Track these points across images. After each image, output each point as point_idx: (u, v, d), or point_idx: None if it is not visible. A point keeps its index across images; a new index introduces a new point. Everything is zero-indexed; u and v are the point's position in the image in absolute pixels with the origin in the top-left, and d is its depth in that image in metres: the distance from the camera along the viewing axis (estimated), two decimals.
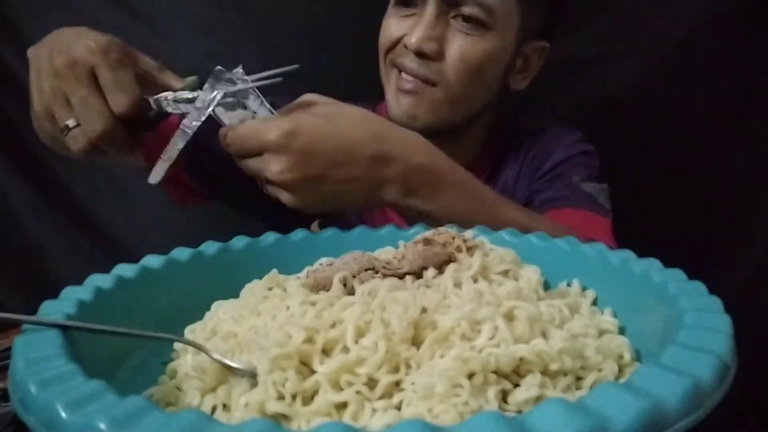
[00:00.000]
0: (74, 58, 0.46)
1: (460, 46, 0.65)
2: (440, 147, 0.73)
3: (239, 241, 0.52)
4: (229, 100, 0.49)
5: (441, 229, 0.47)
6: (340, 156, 0.49)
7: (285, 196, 0.50)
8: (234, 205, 0.80)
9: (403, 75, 0.68)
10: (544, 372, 0.34)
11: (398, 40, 0.67)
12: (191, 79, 0.51)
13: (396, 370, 0.33)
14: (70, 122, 0.48)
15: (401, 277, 0.41)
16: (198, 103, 0.49)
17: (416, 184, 0.53)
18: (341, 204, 0.54)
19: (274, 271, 0.48)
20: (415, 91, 0.67)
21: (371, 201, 0.54)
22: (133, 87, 0.47)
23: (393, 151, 0.51)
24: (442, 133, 0.69)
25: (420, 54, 0.65)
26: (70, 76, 0.46)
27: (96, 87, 0.47)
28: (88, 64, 0.47)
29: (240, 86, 0.49)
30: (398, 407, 0.32)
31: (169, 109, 0.50)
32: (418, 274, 0.42)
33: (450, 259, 0.43)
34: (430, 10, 0.64)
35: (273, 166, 0.48)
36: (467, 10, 0.64)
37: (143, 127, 0.50)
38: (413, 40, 0.64)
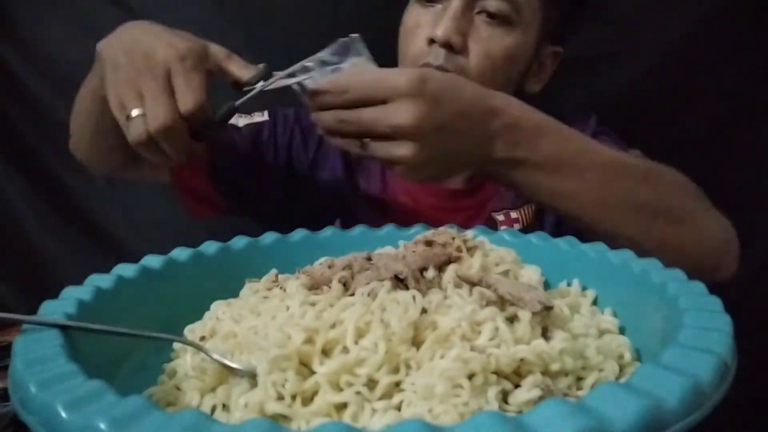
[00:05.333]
0: (155, 60, 0.50)
1: (484, 40, 0.65)
2: None
3: (239, 241, 0.52)
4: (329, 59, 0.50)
5: (441, 229, 0.47)
6: (464, 106, 0.49)
7: (406, 149, 0.48)
8: (252, 216, 0.80)
9: None
10: (545, 372, 0.34)
11: (421, 37, 0.67)
12: (260, 67, 0.52)
13: (396, 370, 0.33)
14: (136, 111, 0.50)
15: (401, 277, 0.41)
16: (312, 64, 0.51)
17: (520, 133, 0.51)
18: (455, 163, 0.52)
19: (274, 270, 0.48)
20: None
21: (482, 160, 0.52)
22: (200, 91, 0.50)
23: (497, 103, 0.51)
24: None
25: (447, 46, 0.64)
26: (148, 74, 0.50)
27: (168, 86, 0.50)
28: (166, 66, 0.50)
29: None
30: (398, 408, 0.32)
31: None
32: (418, 275, 0.42)
33: (450, 260, 0.43)
34: (456, 3, 0.64)
35: (404, 113, 0.46)
36: (493, 4, 0.64)
37: (204, 132, 0.52)
38: (440, 32, 0.64)
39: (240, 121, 0.74)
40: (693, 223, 0.56)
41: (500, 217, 0.72)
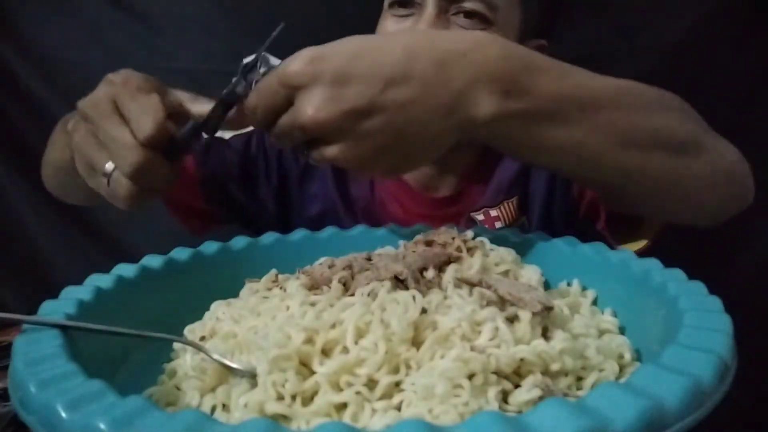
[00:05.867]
0: (99, 99, 0.44)
1: None
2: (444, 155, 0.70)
3: (239, 241, 0.52)
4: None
5: (441, 229, 0.47)
6: (388, 70, 0.37)
7: (333, 151, 0.39)
8: (250, 226, 0.79)
9: None
10: (545, 372, 0.34)
11: None
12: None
13: (396, 370, 0.33)
14: (109, 166, 0.43)
15: (401, 278, 0.41)
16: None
17: (508, 77, 0.39)
18: (413, 147, 0.40)
19: (274, 270, 0.48)
20: None
21: (461, 127, 0.40)
22: (156, 109, 0.42)
23: (458, 46, 0.39)
24: None
25: None
26: (97, 118, 0.43)
27: (121, 119, 0.43)
28: (110, 97, 0.43)
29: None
30: (398, 408, 0.32)
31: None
32: (418, 275, 0.42)
33: (450, 260, 0.43)
34: (429, 9, 0.61)
35: (306, 107, 0.38)
36: (469, 5, 0.60)
37: (178, 151, 0.45)
38: None
39: (226, 133, 0.73)
40: (714, 149, 0.48)
41: (480, 217, 0.70)
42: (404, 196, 0.73)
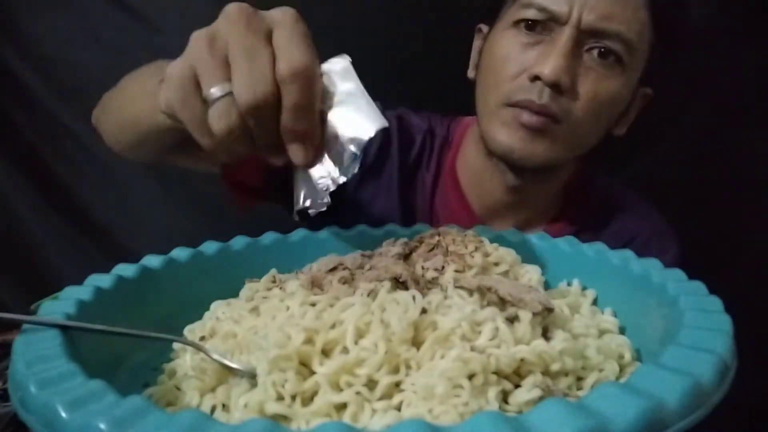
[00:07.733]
0: (255, 11, 0.38)
1: (594, 81, 0.59)
2: (532, 183, 0.67)
3: (239, 241, 0.52)
4: None
5: (442, 229, 0.47)
6: None
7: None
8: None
9: (526, 111, 0.60)
10: (545, 372, 0.34)
11: (523, 71, 0.60)
12: None
13: (396, 370, 0.33)
14: (216, 90, 0.36)
15: (401, 278, 0.41)
16: None
17: None
18: None
19: (274, 270, 0.48)
20: (542, 129, 0.59)
21: None
22: (312, 49, 0.37)
23: None
24: (545, 169, 0.65)
25: (555, 86, 0.58)
26: (242, 24, 0.37)
27: (268, 44, 0.37)
28: (268, 21, 0.38)
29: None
30: (398, 408, 0.32)
31: None
32: (418, 275, 0.42)
33: (450, 260, 0.43)
34: (566, 39, 0.57)
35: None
36: (608, 43, 0.58)
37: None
38: (547, 71, 0.57)
39: None
40: None
41: None
42: (461, 217, 0.70)
